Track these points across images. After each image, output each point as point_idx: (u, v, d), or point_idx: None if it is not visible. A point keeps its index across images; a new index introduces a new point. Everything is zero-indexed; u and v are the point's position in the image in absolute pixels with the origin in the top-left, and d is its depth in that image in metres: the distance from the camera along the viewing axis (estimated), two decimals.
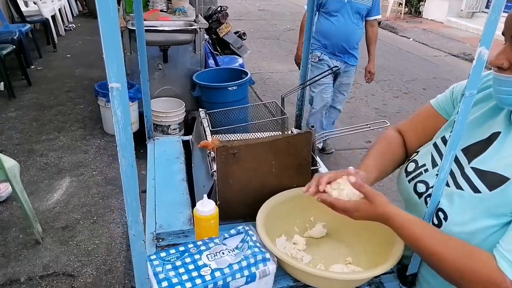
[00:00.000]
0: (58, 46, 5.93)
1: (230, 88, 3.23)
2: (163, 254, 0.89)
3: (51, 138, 3.46)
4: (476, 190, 0.82)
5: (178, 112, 3.36)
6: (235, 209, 1.15)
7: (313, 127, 1.26)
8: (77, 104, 4.14)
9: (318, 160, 1.26)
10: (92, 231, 2.42)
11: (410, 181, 0.98)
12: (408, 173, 1.00)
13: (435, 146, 0.97)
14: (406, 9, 10.20)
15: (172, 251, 0.91)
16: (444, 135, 0.97)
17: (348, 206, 0.87)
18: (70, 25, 7.17)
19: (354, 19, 2.95)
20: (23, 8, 5.48)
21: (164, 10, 3.82)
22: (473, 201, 0.81)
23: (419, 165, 0.98)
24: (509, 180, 0.77)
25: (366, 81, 3.33)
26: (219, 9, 4.24)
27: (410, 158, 1.03)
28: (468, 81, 0.73)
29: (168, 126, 3.35)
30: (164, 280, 0.82)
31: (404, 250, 0.93)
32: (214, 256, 0.89)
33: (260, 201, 1.09)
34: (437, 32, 8.47)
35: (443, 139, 0.96)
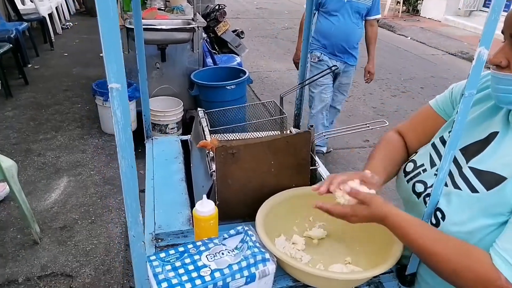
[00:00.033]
0: (55, 45, 5.90)
1: (228, 87, 3.23)
2: (163, 255, 0.89)
3: (48, 138, 3.44)
4: (474, 189, 0.82)
5: (176, 111, 3.35)
6: (234, 209, 1.15)
7: (312, 126, 1.26)
8: (75, 103, 4.12)
9: (317, 159, 1.26)
10: (90, 231, 2.41)
11: (408, 181, 0.99)
12: (406, 173, 1.00)
13: (434, 146, 0.97)
14: (404, 8, 10.23)
15: (172, 252, 0.90)
16: (443, 135, 0.97)
17: (345, 212, 0.87)
18: (67, 24, 7.14)
19: (354, 18, 2.93)
20: (20, 6, 5.45)
21: (162, 8, 3.81)
22: (471, 200, 0.82)
23: (417, 165, 0.98)
24: (506, 180, 0.77)
25: (365, 81, 3.31)
26: (217, 7, 4.23)
27: (409, 158, 1.04)
28: (467, 81, 0.73)
29: (166, 125, 3.34)
30: (163, 281, 0.81)
31: (403, 250, 0.93)
32: (214, 256, 0.89)
33: (259, 201, 1.09)
34: (435, 30, 8.49)
35: (442, 139, 0.96)
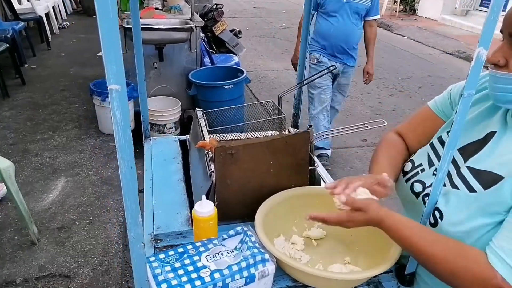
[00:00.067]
0: (52, 45, 5.88)
1: (226, 87, 3.23)
2: (162, 256, 0.89)
3: (45, 138, 3.43)
4: (472, 189, 0.82)
5: (174, 111, 3.35)
6: (234, 210, 1.15)
7: (310, 126, 1.26)
8: (72, 103, 4.11)
9: (316, 159, 1.26)
10: (88, 232, 2.40)
11: (407, 181, 0.99)
12: (405, 173, 1.01)
13: (432, 146, 0.98)
14: (401, 7, 10.25)
15: (171, 253, 0.90)
16: (441, 135, 0.97)
17: (340, 219, 0.87)
18: (64, 23, 7.12)
19: (353, 19, 2.92)
20: (16, 5, 5.43)
21: (160, 8, 3.81)
22: (469, 200, 0.82)
23: (415, 165, 0.99)
24: (504, 179, 0.77)
25: (364, 82, 3.29)
26: (214, 7, 4.22)
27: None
28: (466, 81, 0.73)
29: (164, 125, 3.34)
30: (163, 282, 0.81)
31: (402, 250, 0.93)
32: (213, 257, 0.89)
33: (259, 201, 1.09)
34: (432, 30, 8.51)
35: (440, 139, 0.97)
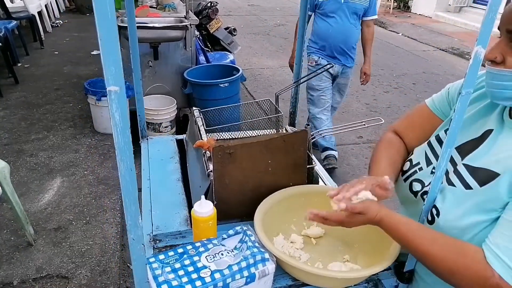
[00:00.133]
0: (45, 43, 5.83)
1: (221, 85, 3.22)
2: (162, 257, 0.89)
3: (40, 138, 3.40)
4: (468, 186, 0.83)
5: (170, 110, 3.33)
6: (232, 209, 1.14)
7: (308, 125, 1.26)
8: (66, 103, 4.08)
9: (314, 158, 1.26)
10: (85, 232, 2.39)
11: (405, 180, 0.99)
12: (403, 172, 1.01)
13: (429, 145, 0.98)
14: (395, 4, 10.27)
15: (171, 254, 0.90)
16: (438, 134, 0.97)
17: (341, 219, 0.87)
18: (57, 22, 7.05)
19: (351, 19, 2.91)
20: (8, 4, 5.37)
21: (154, 6, 3.78)
22: (465, 197, 0.82)
23: (413, 163, 0.99)
24: (499, 176, 0.78)
25: (361, 83, 3.27)
26: (209, 4, 4.21)
27: None
28: (464, 80, 0.73)
29: (160, 123, 3.32)
30: (163, 283, 0.81)
31: (401, 248, 0.94)
32: (213, 257, 0.89)
33: (257, 200, 1.09)
34: (426, 26, 8.54)
35: (437, 137, 0.97)
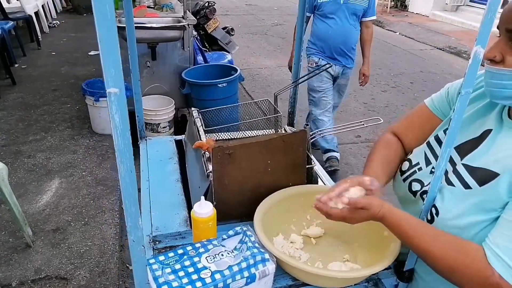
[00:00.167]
0: (42, 44, 5.81)
1: (220, 85, 3.21)
2: (162, 258, 0.88)
3: (38, 139, 3.39)
4: (467, 186, 0.83)
5: (168, 110, 3.33)
6: (232, 209, 1.14)
7: (307, 125, 1.26)
8: (64, 103, 4.06)
9: (313, 158, 1.26)
10: (84, 233, 2.38)
11: (404, 180, 0.99)
12: (402, 172, 1.01)
13: (429, 145, 0.98)
14: (392, 3, 10.28)
15: (171, 254, 0.90)
16: (437, 134, 0.97)
17: (344, 215, 0.87)
18: (54, 22, 7.03)
19: (351, 20, 2.90)
20: (5, 4, 5.34)
21: (151, 6, 3.77)
22: (464, 197, 0.82)
23: (412, 164, 0.99)
24: (499, 176, 0.78)
25: (360, 84, 3.27)
26: (206, 4, 4.20)
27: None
28: (464, 80, 0.73)
29: (158, 124, 3.32)
30: (164, 284, 0.81)
31: (400, 247, 0.94)
32: (213, 258, 0.89)
33: (257, 200, 1.09)
34: (423, 25, 8.56)
35: (436, 137, 0.97)
